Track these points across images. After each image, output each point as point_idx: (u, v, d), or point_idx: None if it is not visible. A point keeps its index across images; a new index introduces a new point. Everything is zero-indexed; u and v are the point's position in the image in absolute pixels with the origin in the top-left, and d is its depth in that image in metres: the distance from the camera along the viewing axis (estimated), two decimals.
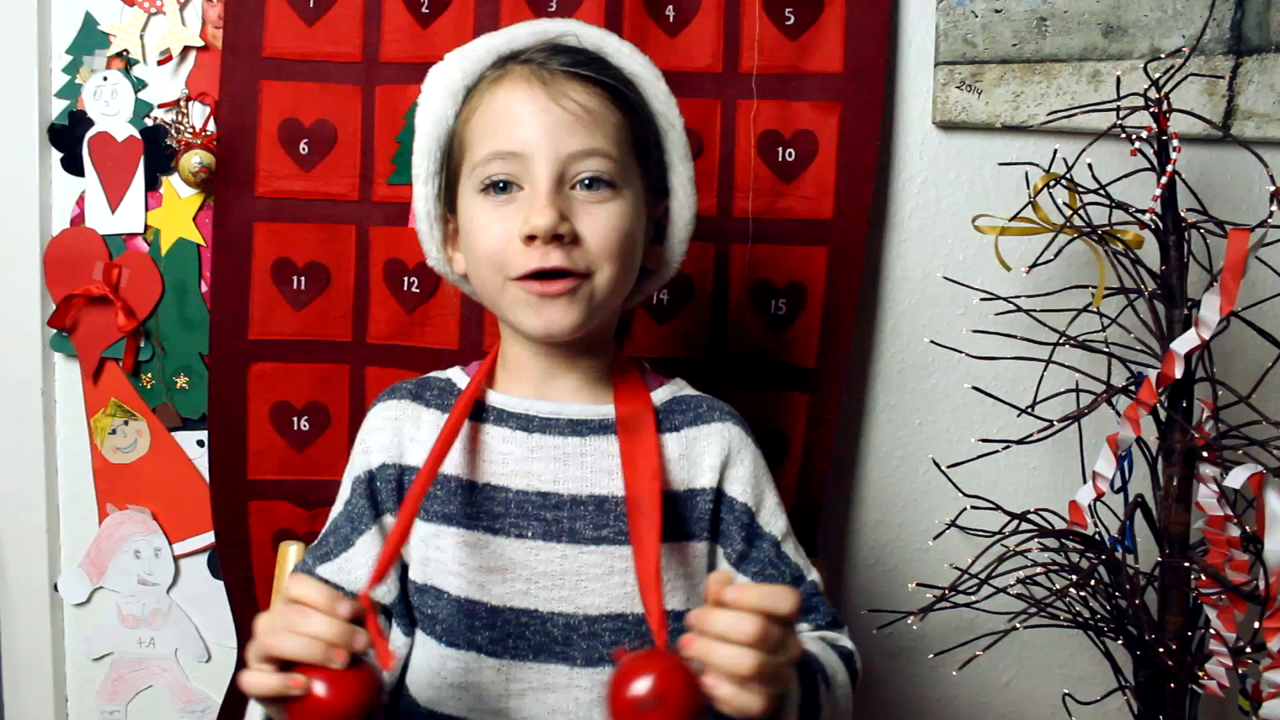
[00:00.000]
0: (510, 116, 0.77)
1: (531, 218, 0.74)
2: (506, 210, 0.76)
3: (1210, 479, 0.95)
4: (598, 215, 0.76)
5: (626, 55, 0.82)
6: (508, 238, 0.76)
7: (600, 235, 0.76)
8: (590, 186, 0.76)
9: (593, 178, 0.76)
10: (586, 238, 0.76)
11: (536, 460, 0.80)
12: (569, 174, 0.76)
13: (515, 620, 0.78)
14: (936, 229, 1.19)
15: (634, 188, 0.80)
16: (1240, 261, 0.89)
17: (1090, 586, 1.00)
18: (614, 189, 0.77)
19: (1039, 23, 1.13)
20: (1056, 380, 1.06)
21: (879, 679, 1.25)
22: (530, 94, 0.77)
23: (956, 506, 1.13)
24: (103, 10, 1.15)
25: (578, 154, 0.76)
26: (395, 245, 1.14)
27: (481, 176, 0.77)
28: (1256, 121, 1.15)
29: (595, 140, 0.76)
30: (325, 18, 1.12)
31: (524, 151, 0.76)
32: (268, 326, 1.15)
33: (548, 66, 0.78)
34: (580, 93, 0.77)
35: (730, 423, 0.85)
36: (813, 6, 1.11)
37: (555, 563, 0.78)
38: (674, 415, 0.84)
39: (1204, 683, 0.95)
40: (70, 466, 1.23)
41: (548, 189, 0.75)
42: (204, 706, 1.25)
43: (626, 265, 0.79)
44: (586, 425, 0.82)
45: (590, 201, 0.77)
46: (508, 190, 0.77)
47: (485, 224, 0.77)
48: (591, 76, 0.78)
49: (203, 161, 1.11)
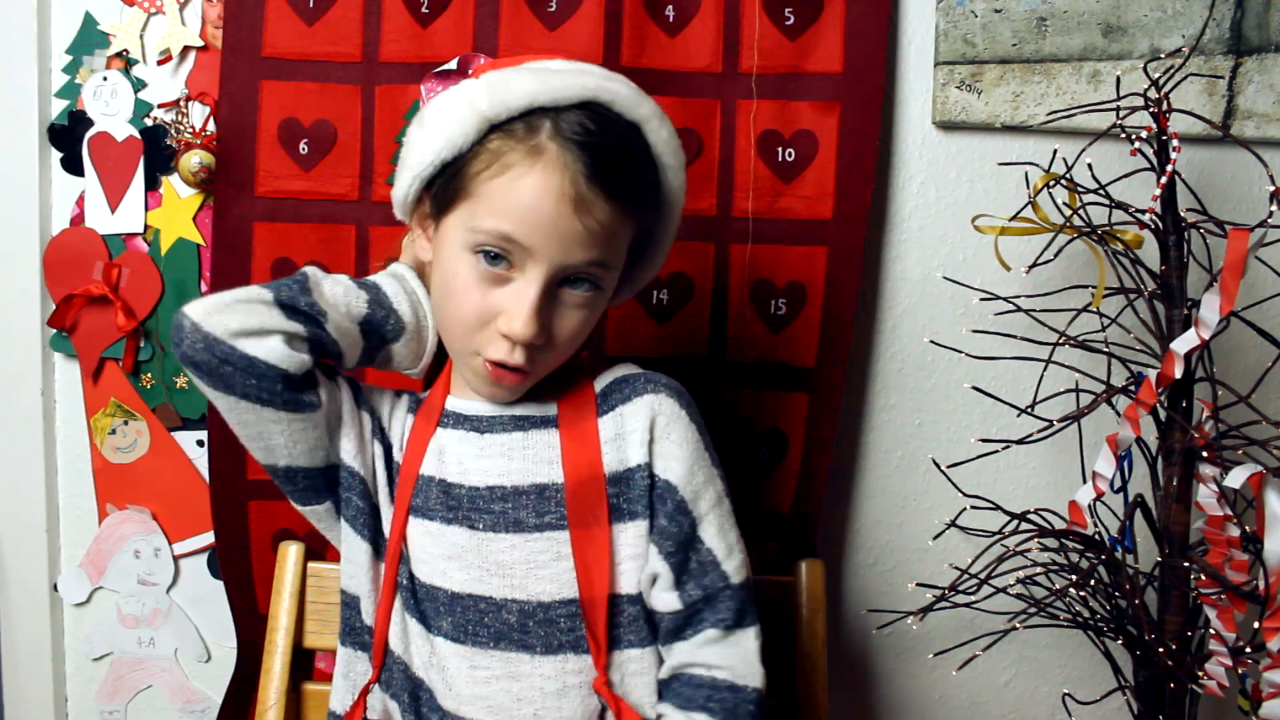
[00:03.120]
0: (532, 211, 0.75)
1: (514, 324, 0.77)
2: (490, 281, 0.78)
3: (1210, 479, 0.95)
4: (572, 318, 0.80)
5: (654, 127, 0.81)
6: (486, 318, 0.79)
7: (567, 334, 0.80)
8: (576, 284, 0.79)
9: (582, 277, 0.79)
10: (557, 331, 0.80)
11: (486, 457, 0.85)
12: (571, 273, 0.79)
13: (474, 606, 0.81)
14: (936, 229, 1.19)
15: (615, 277, 0.83)
16: (1240, 261, 0.89)
17: (1090, 586, 1.00)
18: (598, 288, 0.81)
19: (1039, 23, 1.14)
20: (1056, 380, 1.06)
21: (879, 679, 1.25)
22: (559, 199, 0.75)
23: (956, 506, 1.13)
24: (103, 10, 1.15)
25: (582, 263, 0.78)
26: (395, 245, 1.14)
27: (478, 242, 0.77)
28: (1256, 121, 1.15)
29: (601, 254, 0.79)
30: (325, 18, 1.12)
31: (533, 247, 0.76)
32: None
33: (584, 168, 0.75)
34: (606, 211, 0.77)
35: (662, 395, 0.84)
36: (813, 6, 1.11)
37: (505, 552, 0.82)
38: (611, 395, 0.86)
39: (1204, 683, 0.95)
40: (70, 466, 1.23)
41: (536, 297, 0.77)
42: (204, 706, 1.25)
43: (583, 338, 0.83)
44: (529, 420, 0.86)
45: (570, 303, 0.80)
46: (498, 264, 0.78)
47: (467, 289, 0.79)
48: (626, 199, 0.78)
49: (202, 161, 1.11)
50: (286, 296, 0.80)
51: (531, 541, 0.82)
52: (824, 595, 1.00)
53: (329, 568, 1.02)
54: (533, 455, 0.84)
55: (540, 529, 0.82)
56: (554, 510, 0.82)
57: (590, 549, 0.81)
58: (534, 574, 0.81)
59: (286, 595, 1.00)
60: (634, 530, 0.82)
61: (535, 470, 0.84)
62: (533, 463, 0.84)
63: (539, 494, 0.83)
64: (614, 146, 0.78)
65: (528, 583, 0.81)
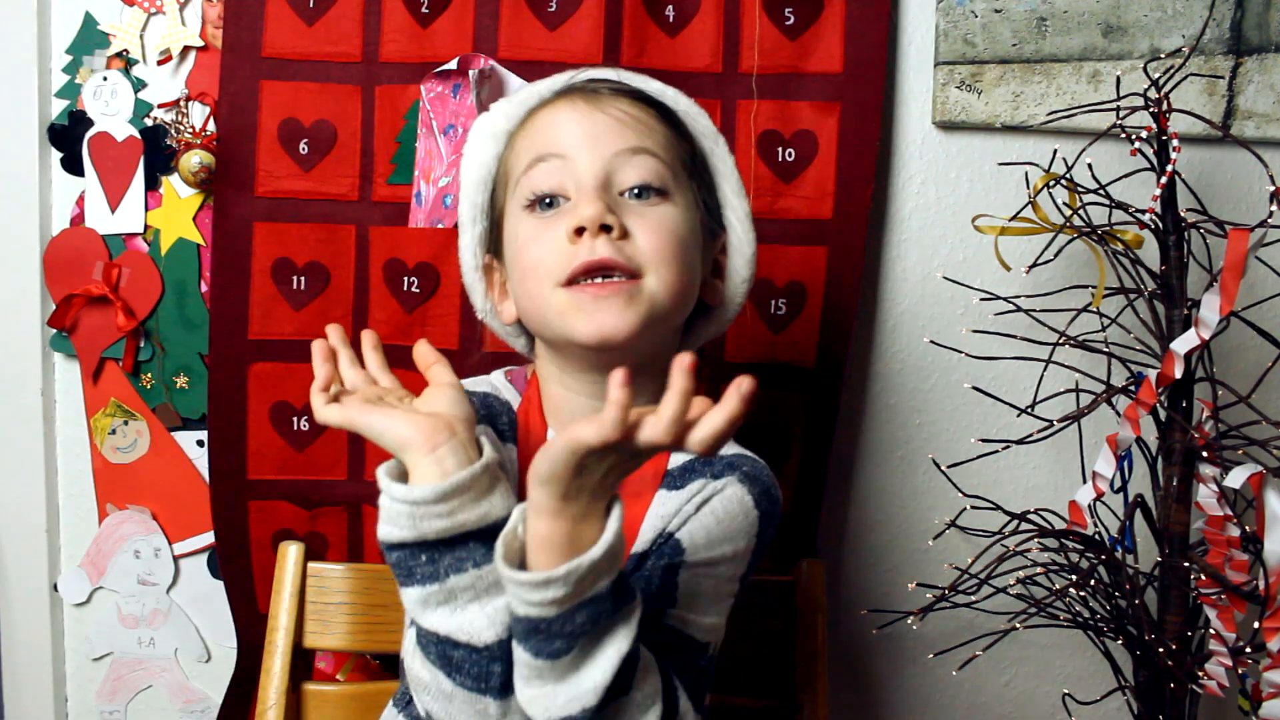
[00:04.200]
0: (554, 126, 0.75)
1: (578, 209, 0.71)
2: (553, 222, 0.73)
3: (1210, 479, 0.95)
4: (649, 217, 0.73)
5: (670, 97, 0.80)
6: (555, 244, 0.72)
7: (652, 235, 0.72)
8: (640, 195, 0.73)
9: (641, 185, 0.73)
10: (637, 237, 0.72)
11: None
12: (616, 179, 0.73)
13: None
14: (936, 229, 1.19)
15: (687, 200, 0.76)
16: (1240, 261, 0.89)
17: (1090, 586, 1.00)
18: (664, 195, 0.74)
19: (1039, 23, 1.13)
20: (1056, 380, 1.06)
21: (879, 679, 1.25)
22: (572, 105, 0.75)
23: (956, 506, 1.13)
24: (103, 10, 1.15)
25: (624, 151, 0.73)
26: (395, 245, 1.14)
27: (526, 191, 0.74)
28: (1256, 121, 1.15)
29: (643, 140, 0.74)
30: (325, 18, 1.12)
31: (566, 153, 0.73)
32: (268, 326, 1.15)
33: (590, 88, 0.77)
34: (627, 103, 0.76)
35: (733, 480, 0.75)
36: (813, 6, 1.11)
37: None
38: (690, 473, 0.77)
39: (1204, 683, 0.95)
40: (70, 466, 1.23)
41: (593, 185, 0.72)
42: (204, 706, 1.25)
43: (683, 271, 0.74)
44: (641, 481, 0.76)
45: (641, 206, 0.73)
46: (554, 205, 0.74)
47: (531, 237, 0.74)
48: (639, 94, 0.77)
49: (203, 161, 1.11)
50: None
51: None
52: (824, 595, 1.00)
53: (329, 568, 1.02)
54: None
55: None
56: None
57: None
58: None
59: (286, 595, 1.00)
60: None
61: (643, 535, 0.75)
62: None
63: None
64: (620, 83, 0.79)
65: None
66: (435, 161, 1.13)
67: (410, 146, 1.13)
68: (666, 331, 0.77)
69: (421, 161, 1.13)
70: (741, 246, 0.82)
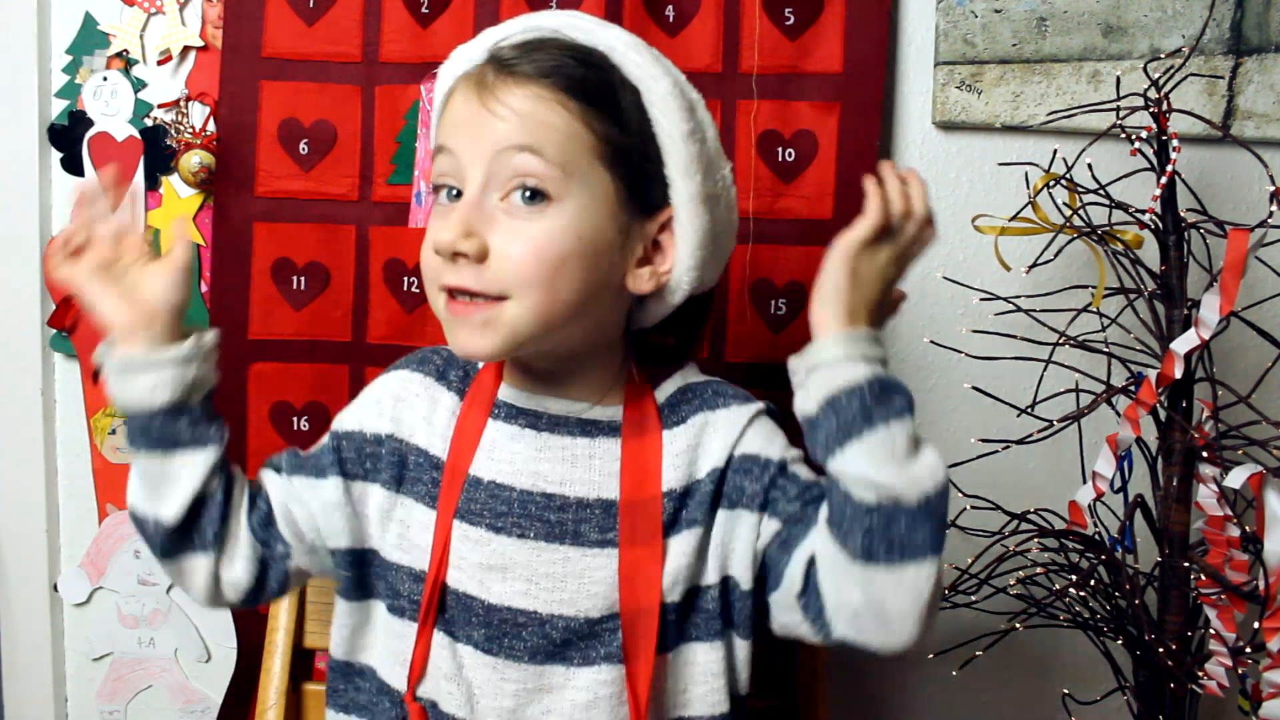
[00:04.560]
0: (452, 116, 0.74)
1: (438, 231, 0.70)
2: (446, 217, 0.72)
3: (1210, 479, 0.95)
4: (518, 233, 0.70)
5: (620, 52, 0.75)
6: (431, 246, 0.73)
7: (515, 257, 0.69)
8: (527, 199, 0.70)
9: (522, 186, 0.70)
10: (500, 257, 0.69)
11: (544, 460, 0.77)
12: (499, 178, 0.70)
13: (513, 620, 0.76)
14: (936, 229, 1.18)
15: (586, 197, 0.71)
16: (1240, 261, 0.89)
17: (1090, 586, 1.00)
18: (548, 200, 0.70)
19: (1039, 23, 1.13)
20: (1056, 380, 1.06)
21: (879, 679, 1.25)
22: (467, 96, 0.72)
23: (956, 506, 1.13)
24: (103, 10, 1.15)
25: (503, 152, 0.70)
26: (395, 245, 1.14)
27: (434, 175, 0.75)
28: (1256, 121, 1.15)
29: (523, 137, 0.70)
30: (325, 18, 1.12)
31: (455, 150, 0.72)
32: (268, 326, 1.15)
33: (503, 68, 0.72)
34: (519, 96, 0.70)
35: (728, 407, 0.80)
36: (813, 6, 1.11)
37: (557, 564, 0.76)
38: (680, 406, 0.80)
39: (1204, 683, 0.95)
40: (70, 466, 1.23)
41: (469, 197, 0.71)
42: (204, 706, 1.25)
43: (558, 287, 0.71)
44: (597, 426, 0.78)
45: (519, 214, 0.70)
46: (458, 197, 0.72)
47: (430, 231, 0.74)
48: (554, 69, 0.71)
49: (203, 161, 1.11)
50: None
51: (590, 557, 0.76)
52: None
53: None
54: (600, 467, 0.77)
55: (601, 545, 0.77)
56: (614, 528, 0.77)
57: (640, 567, 0.76)
58: (585, 590, 0.76)
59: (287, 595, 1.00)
60: (690, 538, 0.77)
61: (603, 484, 0.77)
62: (600, 475, 0.77)
63: (605, 509, 0.77)
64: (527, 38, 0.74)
65: (579, 598, 0.76)
66: None
67: (410, 146, 1.13)
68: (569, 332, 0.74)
69: (421, 161, 1.13)
70: (686, 232, 0.75)
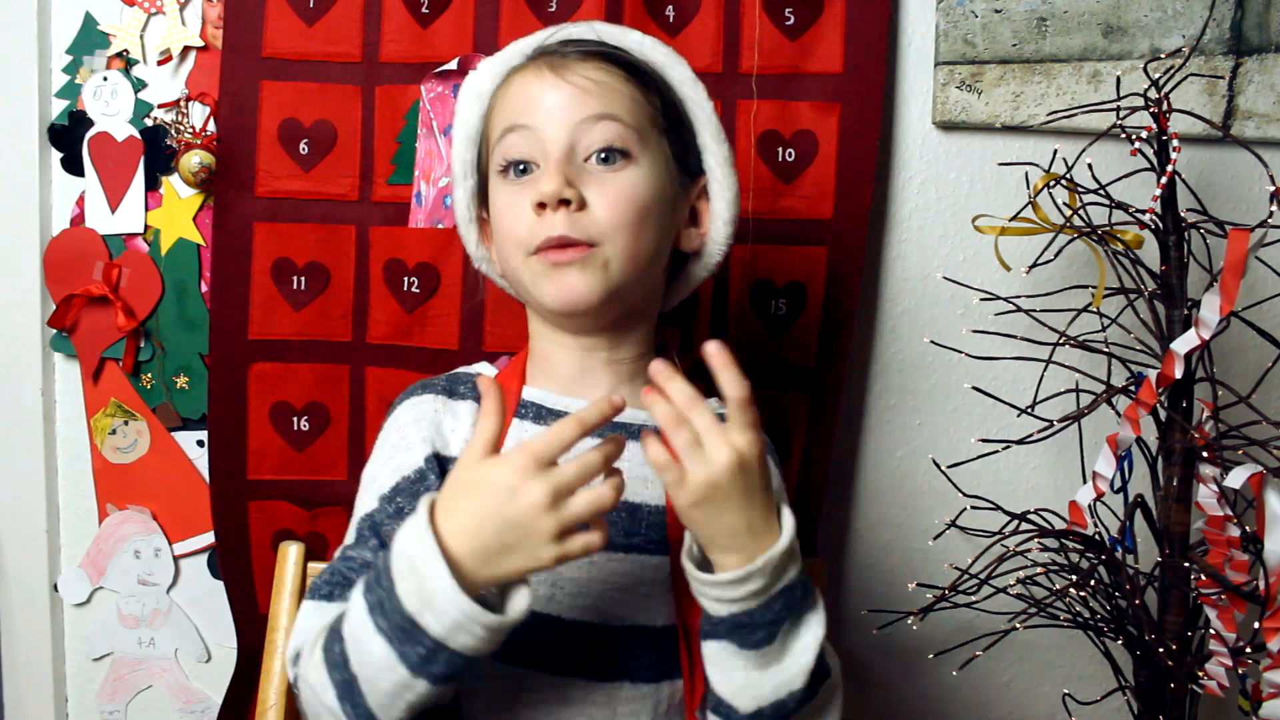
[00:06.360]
0: (523, 96, 0.79)
1: (540, 185, 0.75)
2: (523, 191, 0.78)
3: (1210, 479, 0.95)
4: (608, 184, 0.77)
5: (648, 47, 0.84)
6: (524, 214, 0.77)
7: (609, 203, 0.76)
8: (606, 160, 0.77)
9: (606, 148, 0.77)
10: (595, 206, 0.76)
11: None
12: (581, 145, 0.77)
13: (535, 627, 0.74)
14: (936, 229, 1.19)
15: (654, 158, 0.80)
16: (1240, 261, 0.89)
17: (1090, 586, 1.00)
18: (628, 157, 0.78)
19: (1039, 23, 1.13)
20: (1056, 380, 1.06)
21: (879, 679, 1.25)
22: (539, 75, 0.79)
23: (956, 506, 1.13)
24: (103, 10, 1.15)
25: (587, 119, 0.77)
26: (395, 245, 1.14)
27: (500, 157, 0.80)
28: (1256, 121, 1.15)
29: (606, 106, 0.77)
30: (325, 18, 1.12)
31: (533, 124, 0.78)
32: (268, 326, 1.15)
33: (560, 53, 0.81)
34: (591, 69, 0.79)
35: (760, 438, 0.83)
36: (813, 6, 1.11)
37: (581, 569, 0.76)
38: None
39: (1204, 683, 0.95)
40: (70, 466, 1.23)
41: (557, 158, 0.76)
42: (204, 707, 1.25)
43: (642, 236, 0.78)
44: (626, 429, 0.78)
45: (603, 173, 0.77)
46: (527, 172, 0.78)
47: (506, 205, 0.79)
48: (605, 53, 0.80)
49: (203, 161, 1.11)
50: None
51: (614, 562, 0.76)
52: (824, 595, 1.00)
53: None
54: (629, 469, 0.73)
55: (627, 550, 0.77)
56: (644, 533, 0.77)
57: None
58: (609, 595, 0.76)
59: (286, 595, 1.00)
60: None
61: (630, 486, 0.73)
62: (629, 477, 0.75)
63: (630, 513, 0.77)
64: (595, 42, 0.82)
65: (601, 604, 0.76)
66: (435, 161, 1.13)
67: (410, 146, 1.13)
68: (642, 286, 0.81)
69: (421, 161, 1.13)
70: (722, 190, 0.84)
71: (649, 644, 0.77)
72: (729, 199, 0.85)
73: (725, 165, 0.84)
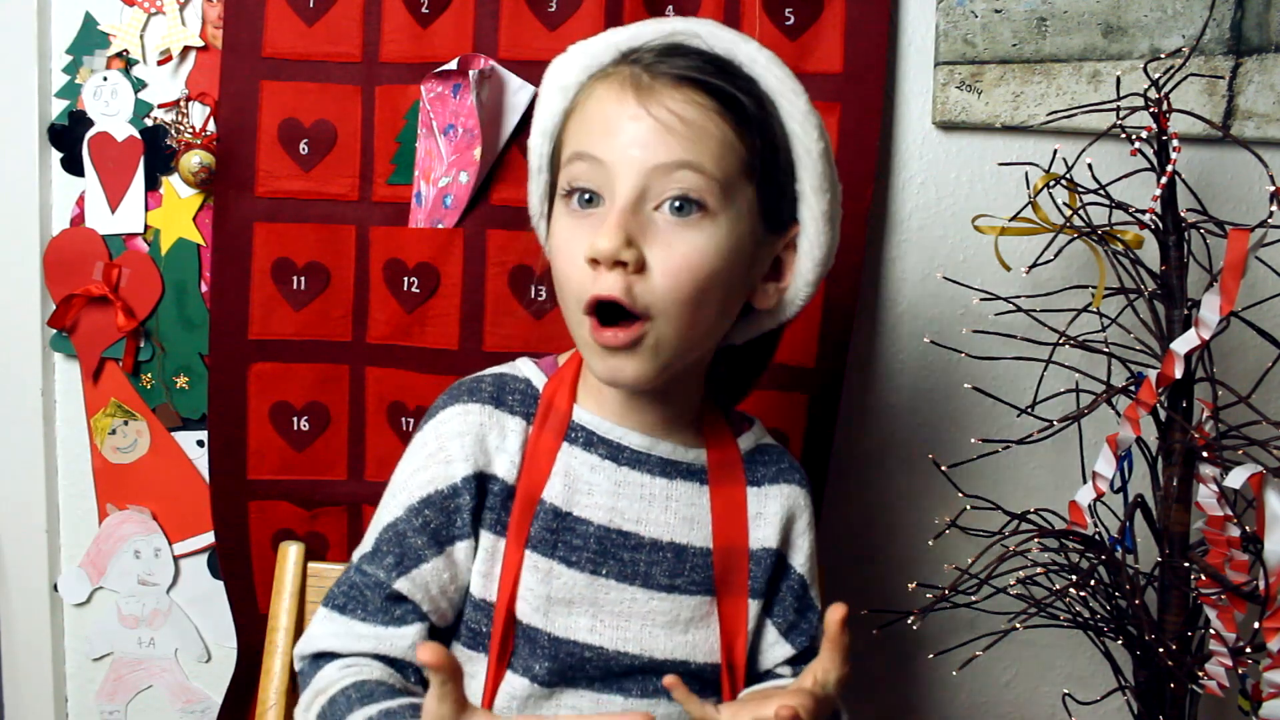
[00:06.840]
0: (600, 120, 0.70)
1: (597, 238, 0.67)
2: (584, 225, 0.70)
3: (1210, 479, 0.95)
4: (675, 244, 0.68)
5: (762, 65, 0.72)
6: (579, 259, 0.69)
7: (671, 271, 0.68)
8: (680, 210, 0.68)
9: (681, 198, 0.68)
10: (654, 271, 0.68)
11: (622, 496, 0.76)
12: (654, 191, 0.68)
13: (579, 654, 0.74)
14: (936, 229, 1.19)
15: (735, 215, 0.70)
16: (1240, 261, 0.89)
17: (1090, 586, 1.00)
18: (705, 211, 0.68)
19: (1039, 23, 1.13)
20: (1056, 380, 1.06)
21: (879, 679, 1.25)
22: (621, 98, 0.69)
23: (956, 506, 1.13)
24: (103, 10, 1.15)
25: (665, 166, 0.67)
26: (395, 245, 1.14)
27: (566, 179, 0.72)
28: (1256, 121, 1.15)
29: (689, 153, 0.68)
30: (325, 18, 1.12)
31: (605, 159, 0.69)
32: (268, 326, 1.15)
33: (653, 69, 0.70)
34: (680, 102, 0.68)
35: (803, 490, 0.84)
36: (813, 6, 1.11)
37: (625, 604, 0.75)
38: (757, 467, 0.82)
39: (1204, 683, 0.95)
40: (70, 466, 1.23)
41: (622, 205, 0.68)
42: (204, 707, 1.25)
43: (701, 311, 0.70)
44: (675, 468, 0.77)
45: (673, 226, 0.68)
46: (592, 202, 0.70)
47: (564, 240, 0.71)
48: (701, 81, 0.69)
49: (203, 161, 1.11)
50: None
51: (656, 600, 0.76)
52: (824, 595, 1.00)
53: (329, 568, 1.02)
54: (676, 510, 0.76)
55: (670, 590, 0.76)
56: (686, 575, 0.76)
57: (736, 618, 0.77)
58: (648, 631, 0.76)
59: (286, 595, 1.00)
60: (755, 606, 0.80)
61: (678, 528, 0.76)
62: (676, 518, 0.76)
63: (676, 554, 0.76)
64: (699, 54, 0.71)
65: (642, 638, 0.75)
66: (435, 161, 1.13)
67: (410, 146, 1.13)
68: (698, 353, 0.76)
69: (421, 161, 1.13)
70: (812, 249, 0.75)
71: (690, 676, 0.77)
72: (818, 258, 0.75)
73: (821, 221, 0.74)
